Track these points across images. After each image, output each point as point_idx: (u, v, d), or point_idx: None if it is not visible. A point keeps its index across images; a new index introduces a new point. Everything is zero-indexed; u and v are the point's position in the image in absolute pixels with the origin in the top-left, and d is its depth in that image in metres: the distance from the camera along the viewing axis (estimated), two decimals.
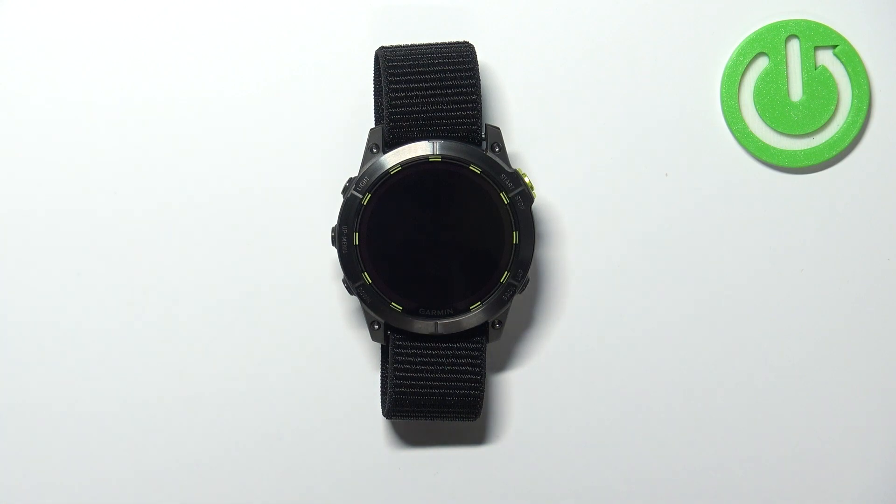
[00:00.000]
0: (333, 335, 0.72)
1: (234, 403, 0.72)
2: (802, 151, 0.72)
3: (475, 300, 0.67)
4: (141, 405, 0.71)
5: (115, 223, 0.71)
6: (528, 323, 0.72)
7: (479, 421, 0.72)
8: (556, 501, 0.72)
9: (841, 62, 0.72)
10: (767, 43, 0.72)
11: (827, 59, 0.72)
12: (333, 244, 0.67)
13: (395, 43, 0.69)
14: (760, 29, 0.72)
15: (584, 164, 0.72)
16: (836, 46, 0.72)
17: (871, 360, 0.73)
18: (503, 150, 0.67)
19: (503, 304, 0.67)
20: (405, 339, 0.68)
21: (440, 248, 0.67)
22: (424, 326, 0.67)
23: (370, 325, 0.68)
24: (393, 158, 0.66)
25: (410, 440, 0.73)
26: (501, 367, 0.72)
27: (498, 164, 0.66)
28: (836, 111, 0.72)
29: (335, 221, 0.67)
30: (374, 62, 0.70)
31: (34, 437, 0.71)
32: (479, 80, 0.67)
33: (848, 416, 0.73)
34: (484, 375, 0.68)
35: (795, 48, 0.72)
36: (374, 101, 0.70)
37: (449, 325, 0.67)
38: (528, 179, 0.67)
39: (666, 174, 0.72)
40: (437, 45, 0.68)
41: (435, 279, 0.67)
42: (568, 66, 0.72)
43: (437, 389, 0.68)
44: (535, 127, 0.72)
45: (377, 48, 0.69)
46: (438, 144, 0.66)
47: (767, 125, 0.72)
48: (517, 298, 0.68)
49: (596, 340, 0.72)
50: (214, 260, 0.71)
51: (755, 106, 0.72)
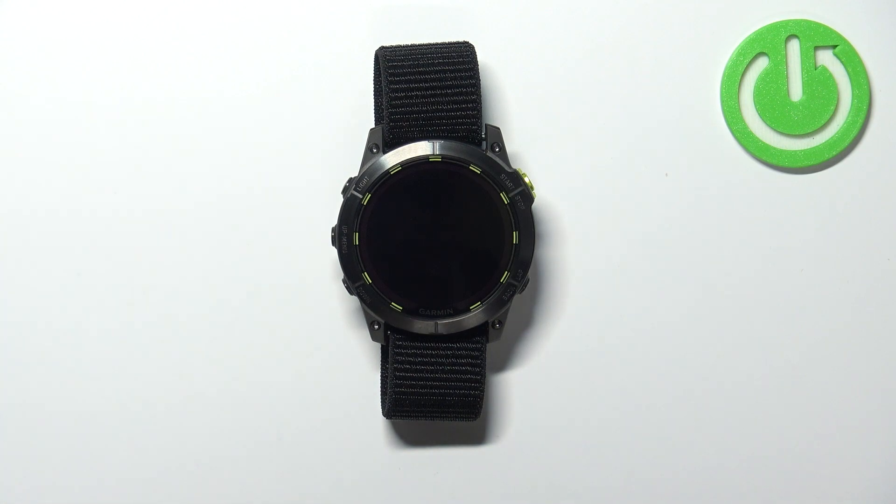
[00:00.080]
0: (333, 335, 0.72)
1: (233, 403, 0.72)
2: (802, 151, 0.72)
3: (475, 300, 0.67)
4: (140, 405, 0.71)
5: (114, 223, 0.71)
6: (528, 323, 0.72)
7: (479, 421, 0.72)
8: (556, 501, 0.72)
9: (841, 62, 0.72)
10: (767, 43, 0.72)
11: (827, 59, 0.72)
12: (333, 244, 0.67)
13: (395, 43, 0.69)
14: (760, 29, 0.72)
15: (584, 164, 0.72)
16: (836, 46, 0.72)
17: (871, 360, 0.73)
18: (503, 150, 0.67)
19: (503, 304, 0.67)
20: (405, 339, 0.68)
21: (440, 248, 0.67)
22: (424, 326, 0.67)
23: (370, 325, 0.68)
24: (393, 158, 0.66)
25: (410, 440, 0.72)
26: (501, 367, 0.72)
27: (498, 164, 0.66)
28: (836, 111, 0.72)
29: (335, 221, 0.67)
30: (374, 62, 0.70)
31: (34, 437, 0.71)
32: (479, 80, 0.67)
33: (848, 416, 0.73)
34: (484, 375, 0.68)
35: (795, 48, 0.72)
36: (374, 101, 0.70)
37: (449, 325, 0.67)
38: (528, 179, 0.67)
39: (666, 174, 0.72)
40: (437, 45, 0.68)
41: (435, 279, 0.67)
42: (568, 66, 0.72)
43: (437, 389, 0.68)
44: (535, 127, 0.72)
45: (377, 48, 0.69)
46: (438, 144, 0.66)
47: (767, 125, 0.72)
48: (517, 298, 0.68)
49: (596, 340, 0.72)
50: (214, 260, 0.71)
51: (755, 106, 0.72)
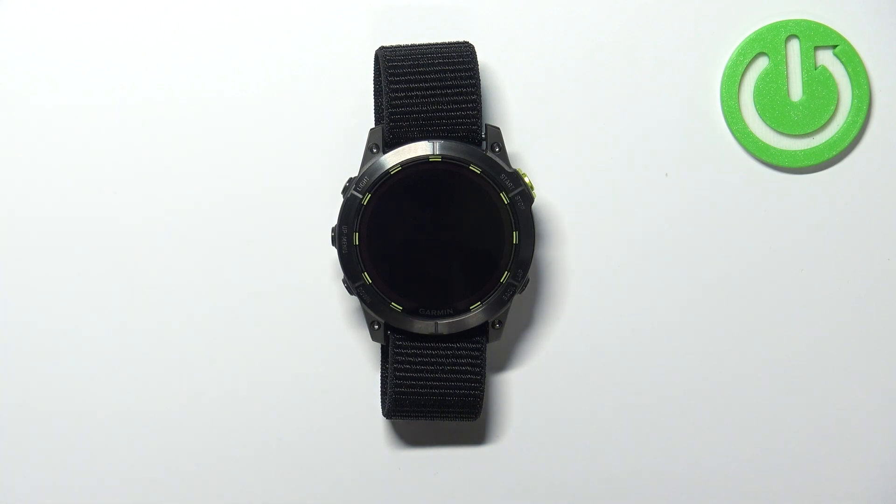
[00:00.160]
0: (333, 335, 0.72)
1: (233, 403, 0.72)
2: (802, 151, 0.72)
3: (475, 300, 0.67)
4: (140, 405, 0.71)
5: (114, 223, 0.71)
6: (528, 323, 0.72)
7: (479, 421, 0.72)
8: (556, 501, 0.72)
9: (841, 62, 0.72)
10: (767, 43, 0.72)
11: (827, 59, 0.72)
12: (333, 244, 0.67)
13: (395, 43, 0.69)
14: (760, 29, 0.72)
15: (584, 164, 0.72)
16: (836, 46, 0.72)
17: (871, 360, 0.73)
18: (503, 150, 0.67)
19: (503, 304, 0.67)
20: (405, 339, 0.68)
21: (440, 248, 0.66)
22: (424, 326, 0.67)
23: (370, 325, 0.68)
24: (393, 158, 0.66)
25: (410, 440, 0.72)
26: (501, 367, 0.72)
27: (498, 164, 0.66)
28: (836, 111, 0.72)
29: (335, 221, 0.67)
30: (374, 62, 0.70)
31: (34, 437, 0.71)
32: (479, 80, 0.67)
33: (848, 415, 0.73)
34: (484, 375, 0.68)
35: (795, 48, 0.72)
36: (374, 101, 0.70)
37: (449, 325, 0.67)
38: (528, 179, 0.67)
39: (666, 174, 0.72)
40: (437, 45, 0.68)
41: (435, 279, 0.67)
42: (568, 66, 0.72)
43: (437, 389, 0.68)
44: (535, 127, 0.72)
45: (377, 48, 0.69)
46: (438, 144, 0.66)
47: (767, 125, 0.72)
48: (517, 298, 0.68)
49: (596, 340, 0.72)
50: (214, 260, 0.71)
51: (755, 106, 0.72)
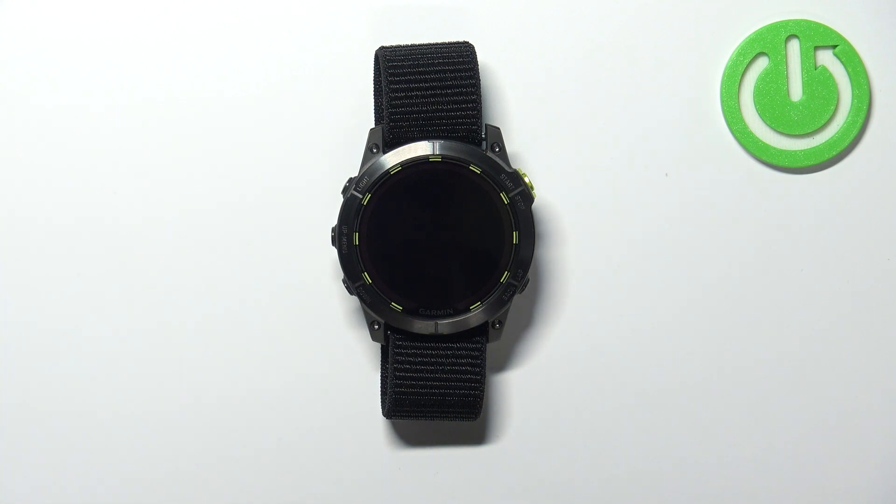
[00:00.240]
0: (333, 335, 0.72)
1: (233, 403, 0.72)
2: (802, 151, 0.72)
3: (475, 300, 0.67)
4: (140, 405, 0.71)
5: (114, 223, 0.71)
6: (528, 323, 0.72)
7: (479, 421, 0.72)
8: (556, 501, 0.72)
9: (841, 62, 0.72)
10: (767, 43, 0.72)
11: (827, 59, 0.72)
12: (333, 244, 0.67)
13: (395, 43, 0.69)
14: (760, 29, 0.72)
15: (584, 164, 0.72)
16: (836, 46, 0.72)
17: (870, 359, 0.73)
18: (503, 150, 0.67)
19: (503, 304, 0.67)
20: (405, 339, 0.68)
21: (440, 248, 0.66)
22: (424, 326, 0.67)
23: (370, 325, 0.68)
24: (393, 158, 0.66)
25: (410, 440, 0.72)
26: (501, 367, 0.72)
27: (498, 164, 0.66)
28: (836, 111, 0.72)
29: (335, 221, 0.67)
30: (374, 62, 0.70)
31: (34, 437, 0.71)
32: (479, 80, 0.67)
33: (848, 415, 0.73)
34: (484, 375, 0.68)
35: (795, 48, 0.72)
36: (374, 101, 0.70)
37: (449, 325, 0.67)
38: (528, 179, 0.67)
39: (666, 174, 0.72)
40: (437, 45, 0.68)
41: (435, 279, 0.67)
42: (568, 66, 0.72)
43: (437, 389, 0.68)
44: (535, 127, 0.72)
45: (377, 48, 0.69)
46: (438, 144, 0.66)
47: (767, 125, 0.72)
48: (517, 298, 0.68)
49: (596, 340, 0.72)
50: (214, 260, 0.71)
51: (755, 106, 0.72)
